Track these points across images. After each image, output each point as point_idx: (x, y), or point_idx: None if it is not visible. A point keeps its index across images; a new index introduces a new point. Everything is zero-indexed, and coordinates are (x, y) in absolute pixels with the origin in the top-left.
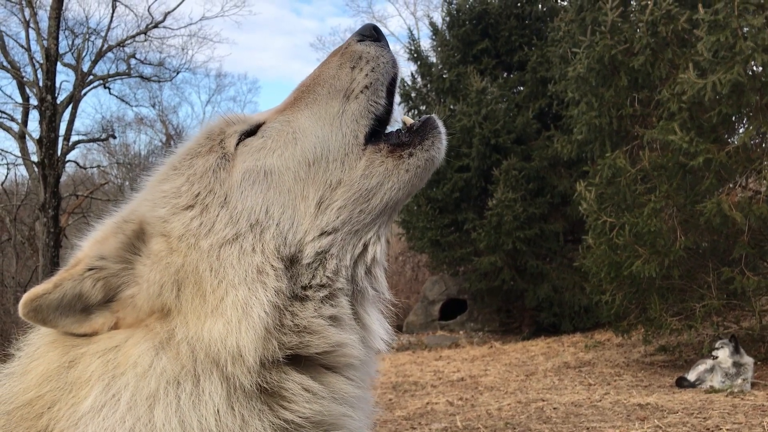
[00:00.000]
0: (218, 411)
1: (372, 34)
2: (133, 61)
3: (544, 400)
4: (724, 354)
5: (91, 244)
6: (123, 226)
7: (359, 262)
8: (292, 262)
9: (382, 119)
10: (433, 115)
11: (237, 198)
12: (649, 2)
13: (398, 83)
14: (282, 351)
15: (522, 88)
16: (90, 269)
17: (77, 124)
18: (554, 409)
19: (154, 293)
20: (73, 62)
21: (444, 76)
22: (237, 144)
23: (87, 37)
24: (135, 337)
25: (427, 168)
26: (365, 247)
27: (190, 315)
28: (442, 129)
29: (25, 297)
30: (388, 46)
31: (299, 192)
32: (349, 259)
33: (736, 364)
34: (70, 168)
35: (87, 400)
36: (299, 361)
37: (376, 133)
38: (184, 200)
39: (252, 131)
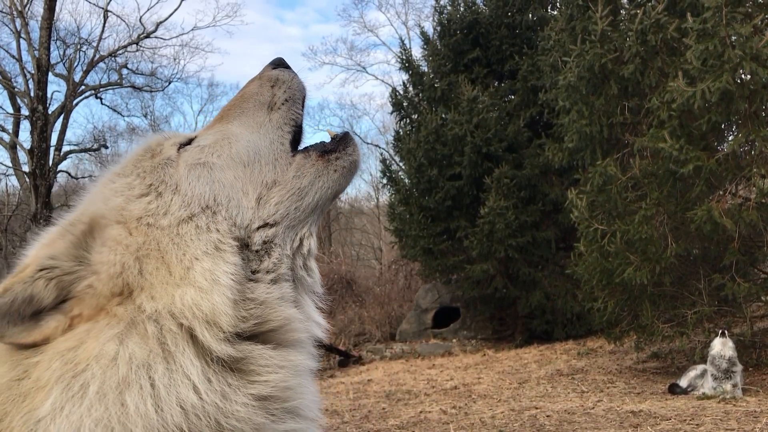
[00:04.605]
0: (196, 387)
1: (282, 63)
2: (124, 71)
3: (537, 408)
4: (718, 342)
5: (38, 249)
6: (70, 228)
7: (297, 254)
8: (242, 246)
9: (300, 128)
10: (348, 131)
11: (186, 187)
12: (638, 11)
13: (306, 103)
14: (246, 323)
15: (513, 97)
16: (41, 269)
17: (69, 134)
18: (547, 416)
19: (115, 273)
20: (65, 72)
21: (435, 84)
22: (177, 151)
23: (78, 47)
24: (95, 329)
25: (350, 169)
26: (301, 241)
27: (156, 288)
28: (358, 141)
29: None
30: (297, 75)
31: (240, 188)
32: (290, 250)
33: (729, 361)
34: (61, 178)
35: (45, 404)
36: (257, 339)
37: (299, 143)
38: (137, 191)
39: (188, 143)
